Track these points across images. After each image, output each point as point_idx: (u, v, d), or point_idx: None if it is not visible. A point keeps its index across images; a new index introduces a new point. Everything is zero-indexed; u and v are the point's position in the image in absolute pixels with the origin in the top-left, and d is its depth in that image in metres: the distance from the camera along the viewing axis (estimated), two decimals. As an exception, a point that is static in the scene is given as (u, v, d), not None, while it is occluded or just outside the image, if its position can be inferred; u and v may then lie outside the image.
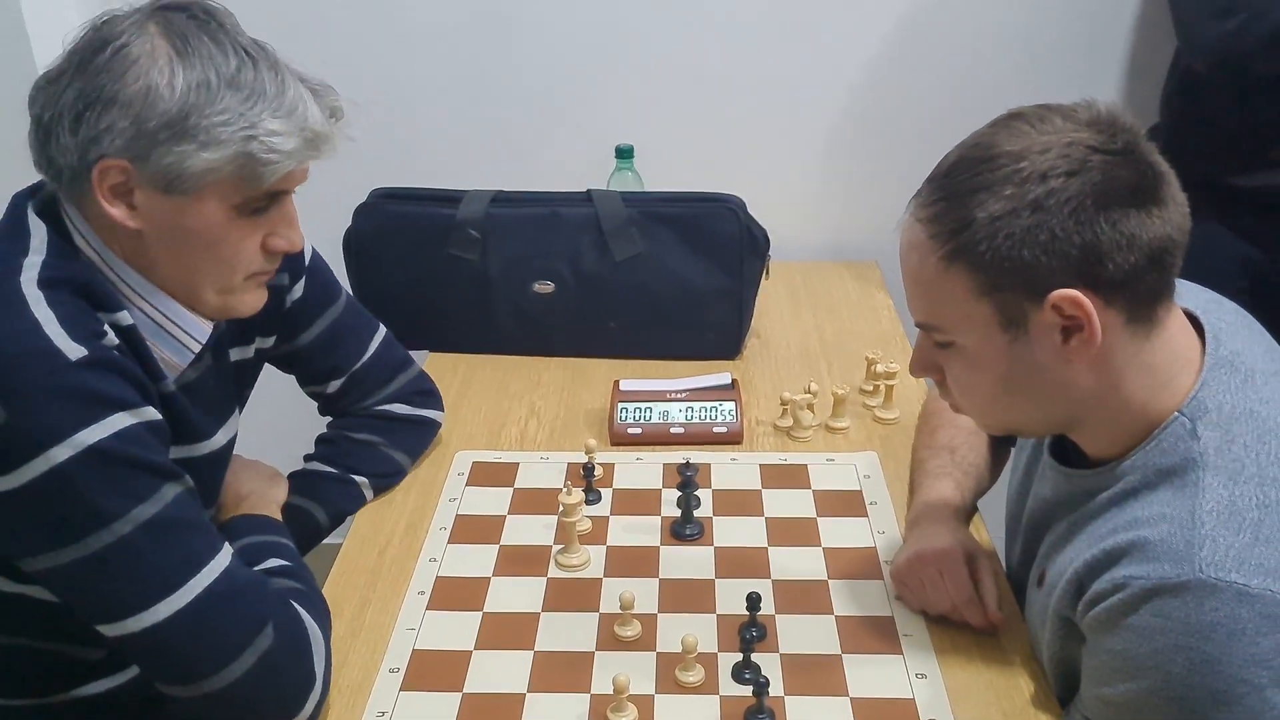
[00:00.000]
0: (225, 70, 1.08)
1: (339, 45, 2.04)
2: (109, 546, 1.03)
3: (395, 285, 1.77)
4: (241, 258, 1.16)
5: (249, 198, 1.13)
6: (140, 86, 1.06)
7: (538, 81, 2.14)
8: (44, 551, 1.04)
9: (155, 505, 1.04)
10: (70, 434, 1.01)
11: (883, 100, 2.15)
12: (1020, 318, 1.01)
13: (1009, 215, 0.98)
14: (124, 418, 1.04)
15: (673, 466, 1.48)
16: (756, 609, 1.21)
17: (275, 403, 1.55)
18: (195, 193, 1.09)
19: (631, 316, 1.80)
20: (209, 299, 1.18)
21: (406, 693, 1.17)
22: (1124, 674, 1.00)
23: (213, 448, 1.27)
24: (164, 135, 1.06)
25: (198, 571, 1.06)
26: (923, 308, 1.08)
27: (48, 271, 1.08)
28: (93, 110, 1.06)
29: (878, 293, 2.07)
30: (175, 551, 1.06)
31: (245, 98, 1.08)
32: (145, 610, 1.04)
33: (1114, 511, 1.05)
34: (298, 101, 1.11)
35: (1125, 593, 0.98)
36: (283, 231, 1.18)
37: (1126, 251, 0.97)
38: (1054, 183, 0.97)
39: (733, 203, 1.78)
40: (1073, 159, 0.98)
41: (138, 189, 1.09)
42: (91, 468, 1.02)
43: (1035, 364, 1.03)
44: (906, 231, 1.07)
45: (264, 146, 1.09)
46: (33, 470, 1.01)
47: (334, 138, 1.16)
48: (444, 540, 1.40)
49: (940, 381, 1.13)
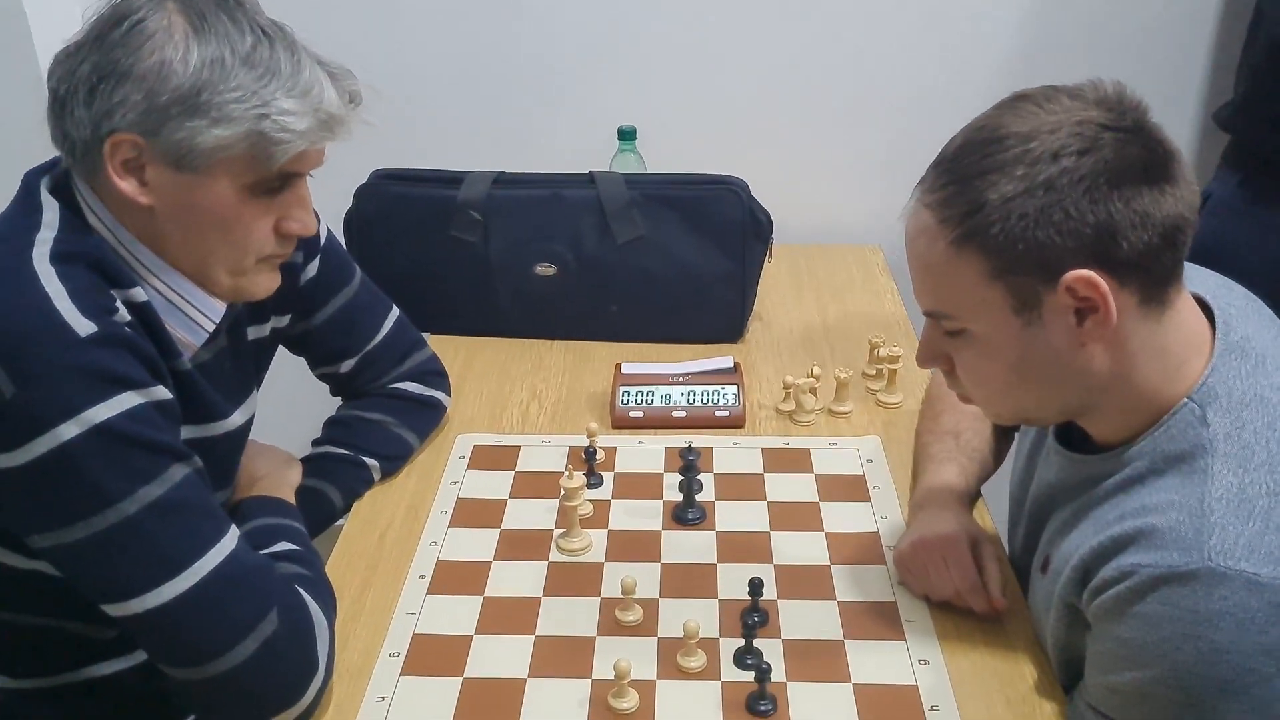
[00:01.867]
0: (241, 48, 1.07)
1: (341, 25, 2.02)
2: (115, 526, 1.02)
3: (396, 267, 1.76)
4: (253, 239, 1.15)
5: (261, 178, 1.12)
6: (154, 61, 1.05)
7: (540, 62, 2.12)
8: (50, 529, 1.04)
9: (162, 486, 1.04)
10: (78, 411, 1.01)
11: (887, 83, 2.13)
12: (1033, 301, 1.00)
13: (1021, 196, 0.97)
14: (133, 396, 1.04)
15: (675, 450, 1.47)
16: (759, 594, 1.20)
17: (285, 388, 1.54)
18: (206, 170, 1.09)
19: (633, 299, 1.79)
20: (221, 280, 1.17)
21: (407, 677, 1.17)
22: (1131, 662, 0.99)
23: (229, 427, 1.26)
24: (176, 110, 1.06)
25: (204, 554, 1.05)
26: (932, 295, 1.07)
27: (60, 246, 1.08)
28: (107, 83, 1.06)
29: (881, 276, 2.06)
30: (181, 533, 1.05)
31: (259, 76, 1.08)
32: (149, 591, 1.03)
33: (1121, 498, 1.04)
34: (313, 83, 1.11)
35: (1133, 580, 0.98)
36: (296, 214, 1.17)
37: (1140, 230, 0.96)
38: (1066, 161, 0.96)
39: (736, 185, 1.77)
40: (1084, 137, 0.97)
41: (149, 165, 1.08)
42: (99, 446, 1.01)
43: (1049, 348, 1.02)
44: (913, 218, 1.06)
45: (276, 125, 1.08)
46: (40, 447, 1.00)
47: (349, 121, 1.15)
48: (445, 524, 1.40)
49: (949, 371, 1.12)
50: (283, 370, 1.47)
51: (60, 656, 1.26)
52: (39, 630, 1.23)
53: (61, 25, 1.11)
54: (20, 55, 1.83)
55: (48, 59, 1.12)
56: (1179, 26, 2.08)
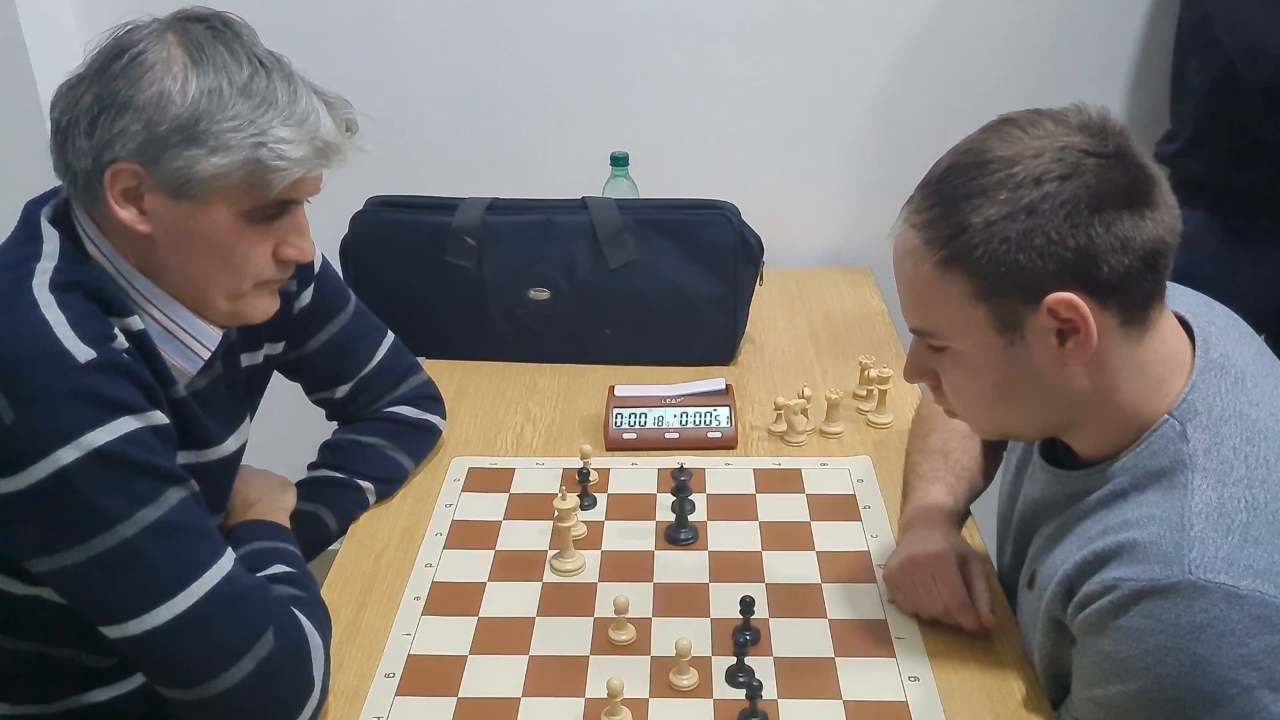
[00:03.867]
0: (238, 79, 1.10)
1: (337, 54, 2.04)
2: (112, 549, 1.03)
3: (391, 292, 1.77)
4: (251, 264, 1.17)
5: (259, 205, 1.14)
6: (154, 92, 1.08)
7: (533, 90, 2.15)
8: (48, 553, 1.05)
9: (159, 509, 1.05)
10: (77, 436, 1.02)
11: (876, 108, 2.16)
12: (1016, 322, 1.02)
13: (1004, 220, 0.99)
14: (130, 421, 1.05)
15: (667, 471, 1.48)
16: (750, 613, 1.21)
17: (280, 413, 1.55)
18: (205, 198, 1.11)
19: (626, 323, 1.81)
20: (219, 305, 1.19)
21: (402, 698, 1.17)
22: (1114, 675, 1.00)
23: (223, 453, 1.27)
24: (175, 139, 1.08)
25: (199, 576, 1.06)
26: (918, 313, 1.09)
27: (60, 275, 1.09)
28: (108, 114, 1.08)
29: (872, 299, 2.08)
30: (178, 555, 1.06)
31: (256, 105, 1.10)
32: (147, 613, 1.05)
33: (1103, 513, 1.06)
34: (309, 111, 1.13)
35: (1115, 594, 0.99)
36: (294, 241, 1.19)
37: (1121, 254, 0.98)
38: (1048, 187, 0.98)
39: (727, 210, 1.79)
40: (1066, 163, 0.98)
41: (148, 193, 1.10)
42: (96, 470, 1.03)
43: (1031, 367, 1.04)
44: (900, 238, 1.08)
45: (273, 154, 1.10)
46: (39, 472, 1.01)
47: (345, 149, 1.17)
48: (440, 545, 1.41)
49: (935, 386, 1.14)
50: (278, 395, 1.48)
51: (58, 683, 1.26)
52: (36, 657, 1.23)
53: (62, 58, 1.14)
54: (21, 88, 1.86)
55: (48, 91, 1.14)
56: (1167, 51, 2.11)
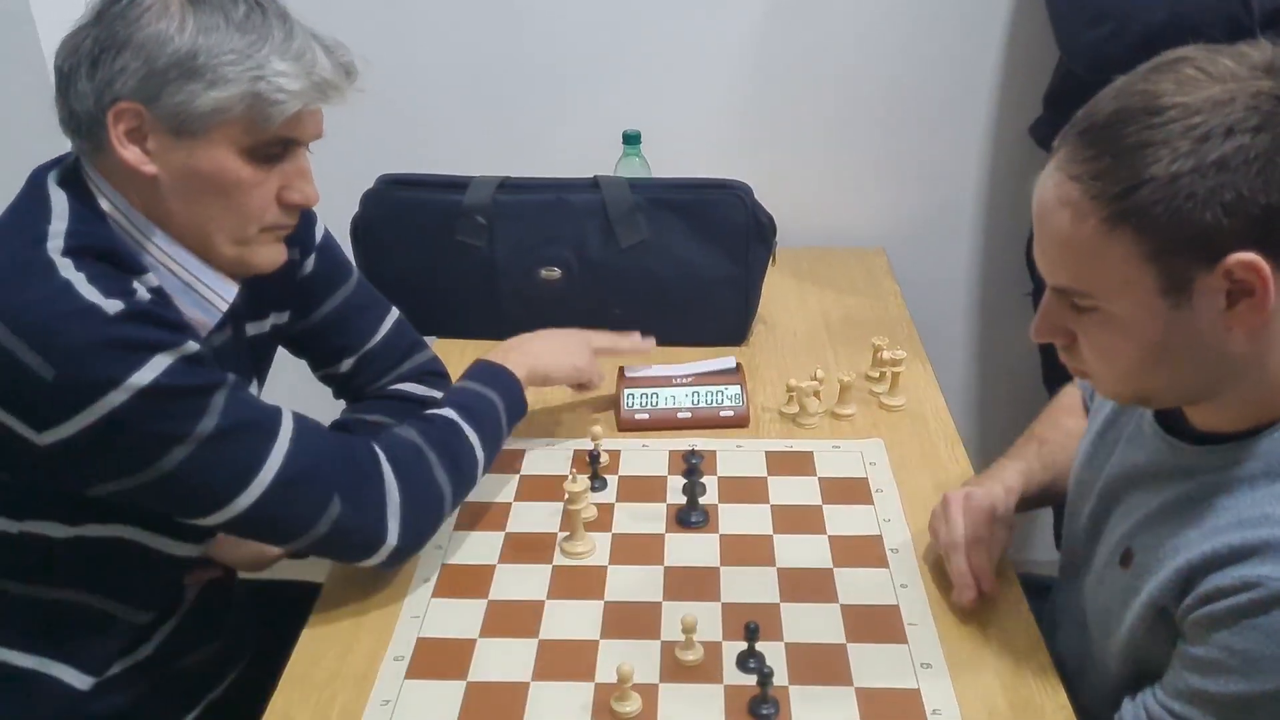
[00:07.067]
0: (234, 16, 1.13)
1: (346, 31, 2.01)
2: (179, 464, 1.10)
3: (402, 271, 1.77)
4: (254, 205, 1.18)
5: (260, 141, 1.15)
6: (152, 30, 1.10)
7: (545, 68, 2.13)
8: (112, 479, 1.11)
9: (212, 418, 1.11)
10: (121, 381, 1.06)
11: (890, 87, 2.13)
12: (1186, 283, 0.93)
13: (1191, 174, 0.89)
14: (166, 356, 1.10)
15: (679, 453, 1.48)
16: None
17: (286, 397, 1.54)
18: (205, 134, 1.13)
19: (637, 303, 1.80)
20: (224, 249, 1.20)
21: (411, 680, 1.17)
22: (1239, 673, 0.95)
23: None
24: (173, 74, 1.10)
25: (260, 468, 1.14)
26: (1070, 272, 0.99)
27: (72, 240, 1.12)
28: (108, 54, 1.10)
29: (885, 279, 2.06)
30: (238, 454, 1.14)
31: (253, 41, 1.13)
32: (220, 509, 1.14)
33: (1234, 500, 0.99)
34: (305, 48, 1.15)
35: (1255, 592, 0.93)
36: (298, 184, 1.21)
37: None
38: (1241, 139, 0.88)
39: (739, 189, 1.78)
40: (1261, 112, 0.89)
41: (151, 134, 1.12)
42: (148, 405, 1.08)
43: (1191, 331, 0.96)
44: (1054, 188, 0.97)
45: (271, 86, 1.12)
46: (90, 416, 1.06)
47: (344, 88, 1.19)
48: (449, 527, 1.40)
49: (1066, 346, 1.06)
50: (284, 377, 1.48)
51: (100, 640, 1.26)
52: (75, 609, 1.23)
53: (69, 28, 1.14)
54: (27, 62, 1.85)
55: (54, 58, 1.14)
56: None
